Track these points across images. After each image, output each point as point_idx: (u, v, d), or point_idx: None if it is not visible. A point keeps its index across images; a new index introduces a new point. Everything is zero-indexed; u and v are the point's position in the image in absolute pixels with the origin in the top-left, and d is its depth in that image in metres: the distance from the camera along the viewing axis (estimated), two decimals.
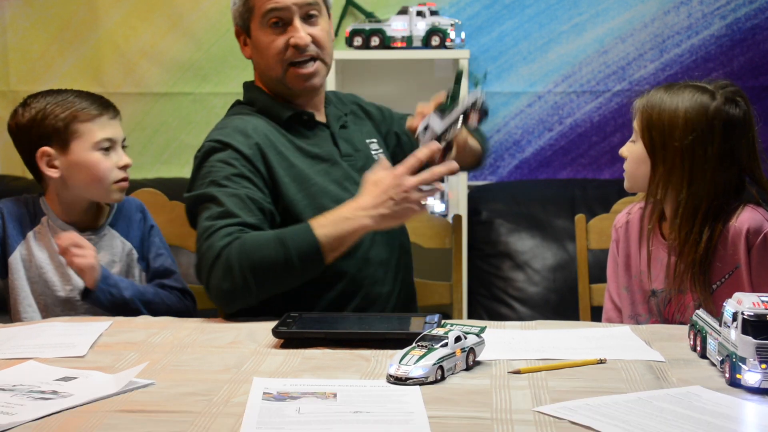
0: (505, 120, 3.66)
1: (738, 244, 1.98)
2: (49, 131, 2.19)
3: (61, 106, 2.20)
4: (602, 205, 3.19)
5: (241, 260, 1.95)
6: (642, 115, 2.07)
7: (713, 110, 2.00)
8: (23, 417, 1.40)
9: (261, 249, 1.97)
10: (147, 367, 1.63)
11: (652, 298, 2.13)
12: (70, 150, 2.20)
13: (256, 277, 1.96)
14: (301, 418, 1.39)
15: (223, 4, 3.64)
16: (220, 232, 2.00)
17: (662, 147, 2.03)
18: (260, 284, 1.97)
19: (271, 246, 1.97)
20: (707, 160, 1.99)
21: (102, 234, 2.26)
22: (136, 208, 2.35)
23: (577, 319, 2.54)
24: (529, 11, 3.61)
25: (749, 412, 1.44)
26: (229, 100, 3.68)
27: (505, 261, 3.45)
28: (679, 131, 2.00)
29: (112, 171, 2.23)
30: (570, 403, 1.45)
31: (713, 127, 1.99)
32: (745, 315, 1.51)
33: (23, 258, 2.21)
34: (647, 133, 2.05)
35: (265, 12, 2.19)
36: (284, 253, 1.96)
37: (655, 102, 2.05)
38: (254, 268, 1.95)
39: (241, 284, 1.95)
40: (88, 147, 2.20)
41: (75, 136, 2.20)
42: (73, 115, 2.19)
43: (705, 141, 1.99)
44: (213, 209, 2.05)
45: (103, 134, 2.22)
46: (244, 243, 1.97)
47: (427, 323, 1.84)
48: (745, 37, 3.55)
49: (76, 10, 3.67)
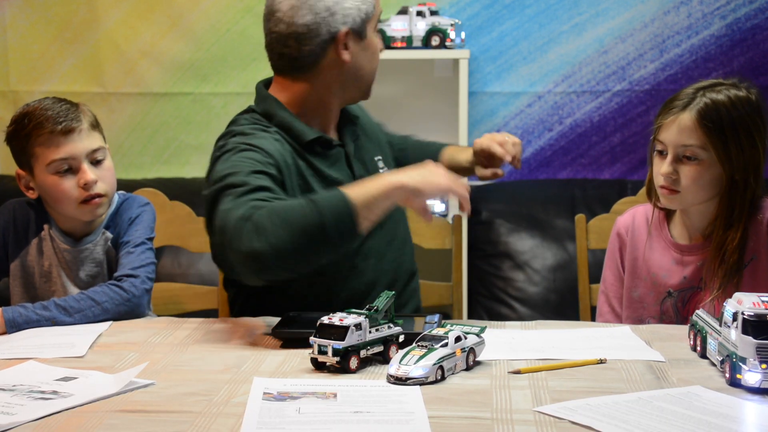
0: (505, 120, 3.66)
1: (760, 235, 2.01)
2: (18, 152, 2.15)
3: (23, 126, 2.12)
4: (602, 205, 3.19)
5: (272, 219, 1.78)
6: (697, 121, 2.03)
7: (754, 95, 2.06)
8: (23, 417, 1.40)
9: (293, 209, 1.80)
10: (147, 367, 1.63)
11: (668, 299, 2.13)
12: (34, 173, 2.14)
13: (292, 237, 1.77)
14: (301, 418, 1.39)
15: (223, 4, 3.64)
16: (247, 205, 1.82)
17: (722, 134, 2.02)
18: (295, 246, 1.78)
19: (303, 206, 1.81)
20: (754, 146, 2.03)
21: (84, 247, 2.19)
22: (137, 204, 2.26)
23: (577, 319, 2.53)
24: (529, 11, 3.61)
25: (749, 412, 1.44)
26: (229, 100, 3.73)
27: (505, 261, 3.45)
28: (728, 119, 2.02)
29: (72, 192, 2.12)
30: (570, 403, 1.45)
31: (759, 107, 2.04)
32: (745, 315, 1.51)
33: (25, 264, 2.19)
34: (708, 136, 2.03)
35: (379, 17, 2.18)
36: (313, 208, 1.79)
37: (701, 103, 2.04)
38: (287, 226, 1.77)
39: (275, 243, 1.76)
40: (44, 170, 2.12)
41: (33, 159, 2.13)
42: (30, 136, 2.11)
43: (751, 130, 2.03)
44: (238, 190, 1.89)
45: (56, 155, 2.10)
46: (273, 206, 1.82)
47: (427, 323, 1.84)
48: (745, 37, 3.55)
49: (76, 10, 3.66)
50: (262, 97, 2.19)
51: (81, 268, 2.18)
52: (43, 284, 2.18)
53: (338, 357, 1.61)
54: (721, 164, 2.02)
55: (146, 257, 2.15)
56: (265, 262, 1.77)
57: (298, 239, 1.78)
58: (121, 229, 2.21)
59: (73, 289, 2.16)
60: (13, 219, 2.21)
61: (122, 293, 2.04)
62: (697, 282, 2.10)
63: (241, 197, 1.85)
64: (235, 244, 1.78)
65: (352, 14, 2.10)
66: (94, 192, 2.13)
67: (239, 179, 1.90)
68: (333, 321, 1.63)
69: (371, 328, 1.65)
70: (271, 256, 1.76)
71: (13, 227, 2.20)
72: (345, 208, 1.80)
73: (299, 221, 1.78)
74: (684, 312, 2.11)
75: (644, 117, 3.59)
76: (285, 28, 2.09)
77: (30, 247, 2.19)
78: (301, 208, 1.80)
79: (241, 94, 3.65)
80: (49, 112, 2.11)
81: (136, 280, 2.08)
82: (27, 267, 2.19)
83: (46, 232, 2.18)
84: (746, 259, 2.04)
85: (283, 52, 2.12)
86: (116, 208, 2.23)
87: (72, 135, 2.11)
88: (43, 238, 2.18)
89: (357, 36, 2.13)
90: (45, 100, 2.16)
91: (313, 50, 2.09)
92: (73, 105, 2.17)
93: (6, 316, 1.94)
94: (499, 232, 3.46)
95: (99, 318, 2.01)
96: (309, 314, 1.92)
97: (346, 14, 2.09)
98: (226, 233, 1.80)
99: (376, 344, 1.66)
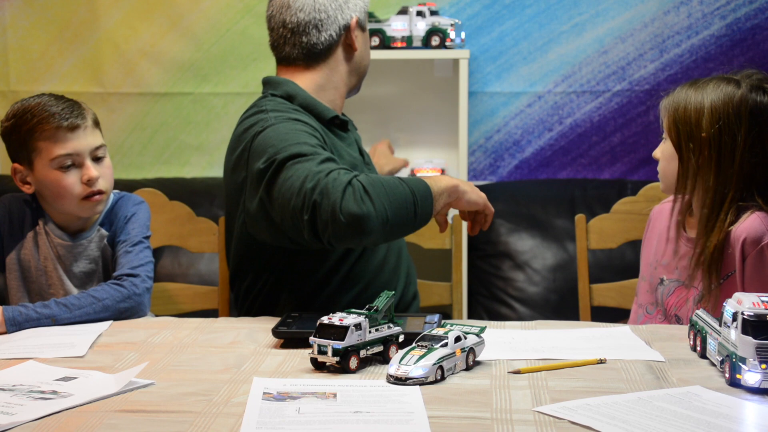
0: (505, 120, 3.66)
1: (735, 250, 1.98)
2: (16, 147, 2.16)
3: (25, 120, 2.13)
4: (602, 205, 3.19)
5: (375, 188, 1.91)
6: (668, 113, 2.07)
7: (739, 98, 2.01)
8: (23, 417, 1.40)
9: (389, 183, 1.94)
10: (147, 367, 1.63)
11: (660, 286, 2.14)
12: (34, 167, 2.15)
13: (390, 203, 1.91)
14: (301, 418, 1.39)
15: (223, 4, 3.64)
16: (341, 170, 1.94)
17: (689, 139, 2.03)
18: (393, 211, 1.92)
19: (393, 179, 1.97)
20: (736, 147, 1.99)
21: (79, 243, 2.20)
22: (131, 203, 2.28)
23: (577, 319, 2.54)
24: (529, 11, 3.61)
25: (749, 412, 1.44)
26: (229, 100, 3.73)
27: (505, 261, 3.45)
28: (706, 121, 2.01)
29: (74, 188, 2.14)
30: (570, 403, 1.45)
31: (740, 114, 2.00)
32: (745, 315, 1.51)
33: (21, 258, 2.20)
34: (674, 128, 2.06)
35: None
36: (405, 185, 1.95)
37: (681, 98, 2.06)
38: (387, 197, 1.91)
39: (379, 206, 1.89)
40: (47, 164, 2.13)
41: (35, 153, 2.14)
42: (33, 131, 2.12)
43: (732, 129, 2.00)
44: (316, 158, 1.98)
45: (61, 150, 2.12)
46: (370, 176, 1.95)
47: (427, 323, 1.85)
48: (745, 37, 3.55)
49: (76, 10, 3.66)
50: (279, 83, 2.26)
51: (75, 264, 2.19)
52: (40, 277, 2.19)
53: (338, 357, 1.61)
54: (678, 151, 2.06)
55: (145, 256, 2.17)
56: (369, 225, 1.89)
57: (396, 210, 1.92)
58: (117, 227, 2.22)
59: (69, 284, 2.17)
60: (8, 213, 2.22)
61: (123, 291, 2.05)
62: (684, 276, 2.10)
63: (323, 164, 1.95)
64: (343, 205, 1.87)
65: (359, 4, 2.27)
66: (96, 188, 2.15)
67: (307, 149, 2.00)
68: (333, 321, 1.63)
69: (371, 328, 1.65)
70: (375, 220, 1.89)
71: (9, 221, 2.21)
72: (428, 192, 1.98)
73: (398, 195, 1.93)
74: (666, 303, 2.12)
75: (644, 117, 3.59)
76: (305, 16, 2.20)
77: (26, 240, 2.20)
78: (396, 184, 1.95)
79: (241, 94, 3.65)
80: (53, 108, 2.13)
81: (136, 279, 2.09)
82: (23, 261, 2.20)
83: (41, 227, 2.19)
84: (728, 270, 2.00)
85: (301, 41, 2.22)
86: (111, 206, 2.26)
87: (78, 131, 2.14)
88: (38, 232, 2.19)
89: (361, 26, 2.28)
90: (43, 96, 2.18)
91: (330, 36, 2.23)
92: (76, 102, 2.20)
93: (6, 315, 1.95)
94: (499, 232, 3.46)
95: (100, 315, 2.01)
96: (309, 314, 1.92)
97: (356, 3, 2.26)
98: (326, 194, 1.89)
99: (376, 344, 1.66)
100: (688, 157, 2.03)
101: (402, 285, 2.29)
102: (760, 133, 2.00)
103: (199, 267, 3.34)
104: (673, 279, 2.12)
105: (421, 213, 1.96)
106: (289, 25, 2.21)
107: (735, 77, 2.05)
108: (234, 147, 2.16)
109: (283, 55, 2.25)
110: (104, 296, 2.03)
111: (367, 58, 2.34)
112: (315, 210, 1.90)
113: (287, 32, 2.22)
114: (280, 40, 2.24)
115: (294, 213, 1.94)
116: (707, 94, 2.02)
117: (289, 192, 1.94)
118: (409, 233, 2.04)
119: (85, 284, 2.20)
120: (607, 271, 3.09)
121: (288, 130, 2.06)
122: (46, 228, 2.20)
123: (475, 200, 2.07)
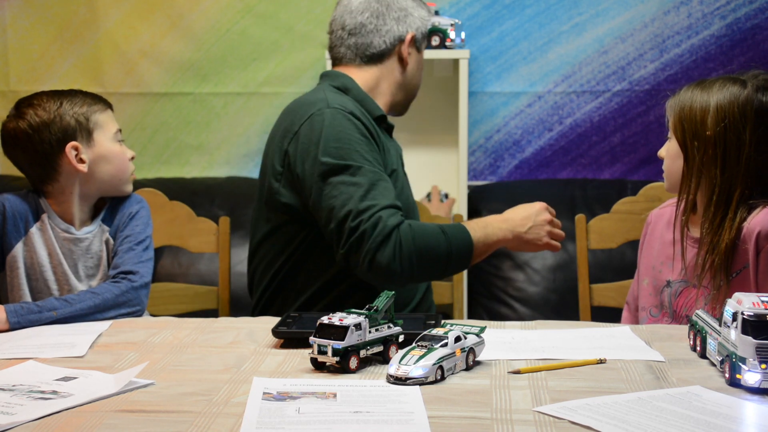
0: (505, 120, 3.66)
1: (748, 245, 1.98)
2: (73, 125, 2.20)
3: (73, 102, 2.21)
4: (602, 205, 3.19)
5: (410, 245, 2.03)
6: (674, 111, 2.08)
7: (744, 98, 2.01)
8: (23, 417, 1.40)
9: (428, 237, 2.06)
10: (147, 367, 1.63)
11: (666, 288, 2.14)
12: (95, 142, 2.22)
13: (420, 264, 2.04)
14: (301, 418, 1.39)
15: (223, 4, 3.64)
16: (386, 211, 2.04)
17: (694, 138, 2.03)
18: (420, 271, 2.06)
19: (437, 236, 2.06)
20: (741, 146, 2.00)
21: (83, 236, 2.22)
22: (133, 200, 2.30)
23: (577, 319, 2.54)
24: (529, 11, 3.61)
25: (749, 412, 1.44)
26: (229, 100, 3.73)
27: (505, 261, 3.45)
28: (711, 120, 2.01)
29: (128, 162, 2.27)
30: (570, 403, 1.45)
31: (745, 113, 2.00)
32: (745, 315, 1.51)
33: (23, 254, 2.21)
34: (680, 127, 2.06)
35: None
36: (447, 246, 2.07)
37: (687, 97, 2.07)
38: (421, 254, 2.04)
39: (407, 267, 2.03)
40: (110, 138, 2.24)
41: (97, 126, 2.22)
42: (91, 108, 2.22)
43: (737, 127, 2.00)
44: (362, 182, 2.08)
45: (116, 126, 2.26)
46: (413, 228, 2.05)
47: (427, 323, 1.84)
48: (745, 37, 3.55)
49: (76, 10, 3.67)
50: (336, 75, 2.34)
51: (79, 260, 2.20)
52: (45, 273, 2.20)
53: (338, 357, 1.61)
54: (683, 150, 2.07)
55: (147, 254, 2.23)
56: (395, 280, 2.03)
57: (427, 264, 2.06)
58: (119, 223, 2.26)
59: (73, 279, 2.18)
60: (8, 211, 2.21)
61: (121, 286, 2.11)
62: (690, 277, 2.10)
63: (368, 195, 2.05)
64: (372, 253, 2.01)
65: (418, 23, 2.36)
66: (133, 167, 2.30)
67: (356, 159, 2.10)
68: (333, 321, 1.63)
69: (371, 328, 1.65)
70: (401, 278, 2.04)
71: (10, 219, 2.21)
72: (468, 248, 2.09)
73: (433, 251, 2.05)
74: (674, 305, 2.12)
75: (644, 117, 3.59)
76: (363, 19, 2.32)
77: (29, 236, 2.21)
78: (436, 238, 2.06)
79: (241, 94, 3.65)
80: (86, 92, 2.26)
81: (134, 275, 2.15)
82: (26, 256, 2.20)
83: (45, 222, 2.21)
84: (740, 266, 2.00)
85: (356, 42, 2.32)
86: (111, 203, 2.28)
87: (113, 113, 2.29)
88: (42, 227, 2.20)
89: (417, 46, 2.37)
90: (59, 90, 2.26)
91: (384, 42, 2.33)
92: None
93: (8, 309, 1.98)
94: None
95: (100, 308, 2.05)
96: (309, 314, 1.93)
97: (414, 21, 2.36)
98: (364, 240, 2.02)
99: (376, 344, 1.66)
100: (693, 155, 2.04)
101: (422, 292, 2.32)
102: (766, 132, 2.01)
103: (199, 267, 3.34)
104: (679, 280, 2.12)
105: (454, 267, 2.15)
106: (348, 27, 2.32)
107: (741, 77, 2.06)
108: (285, 117, 2.27)
109: (339, 55, 2.36)
110: (103, 290, 2.09)
111: (417, 79, 2.42)
112: (350, 251, 2.04)
113: (345, 33, 2.33)
114: (337, 42, 2.35)
115: (331, 236, 2.08)
116: (713, 94, 2.03)
117: (330, 215, 2.07)
118: (435, 280, 2.25)
119: (89, 280, 2.21)
120: (607, 271, 3.09)
121: (343, 128, 2.14)
122: (50, 222, 2.21)
123: (531, 249, 2.22)
